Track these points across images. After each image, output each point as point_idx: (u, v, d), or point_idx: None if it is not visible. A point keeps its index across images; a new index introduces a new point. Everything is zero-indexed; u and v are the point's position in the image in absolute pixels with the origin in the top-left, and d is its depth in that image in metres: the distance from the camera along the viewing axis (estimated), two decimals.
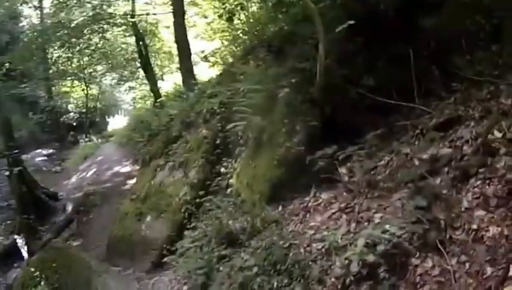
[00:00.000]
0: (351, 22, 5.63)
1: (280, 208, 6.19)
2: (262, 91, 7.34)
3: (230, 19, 14.74)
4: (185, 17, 15.69)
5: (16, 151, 13.28)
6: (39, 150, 24.89)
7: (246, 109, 7.40)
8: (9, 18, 23.17)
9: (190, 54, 15.44)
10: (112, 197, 12.45)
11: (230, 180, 7.68)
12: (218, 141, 8.61)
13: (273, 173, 6.47)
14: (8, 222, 13.61)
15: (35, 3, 23.78)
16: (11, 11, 24.78)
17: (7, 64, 16.41)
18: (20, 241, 11.97)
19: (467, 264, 3.76)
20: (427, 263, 3.99)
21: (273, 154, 6.52)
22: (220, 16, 15.80)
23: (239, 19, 14.93)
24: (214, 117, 9.07)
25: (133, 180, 12.28)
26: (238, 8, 14.00)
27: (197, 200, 8.00)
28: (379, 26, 6.21)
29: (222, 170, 8.11)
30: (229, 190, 7.53)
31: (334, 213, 5.39)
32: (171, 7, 15.73)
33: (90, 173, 16.73)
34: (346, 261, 4.36)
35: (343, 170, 5.80)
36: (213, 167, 8.34)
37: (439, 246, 4.00)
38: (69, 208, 13.34)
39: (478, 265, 3.69)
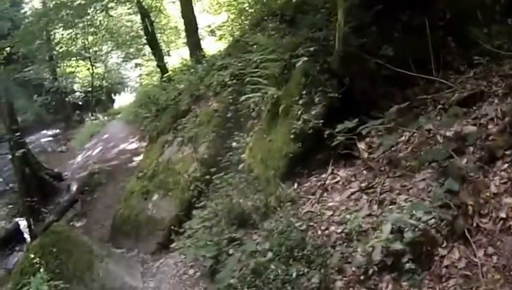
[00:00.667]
0: None
1: (296, 185, 5.73)
2: (276, 61, 6.89)
3: None
4: None
5: (19, 134, 12.93)
6: (45, 131, 24.90)
7: (259, 80, 6.92)
8: (10, 5, 22.56)
9: (197, 27, 14.85)
10: (118, 176, 12.03)
11: (242, 156, 7.16)
12: (229, 114, 8.07)
13: (289, 147, 5.99)
14: (11, 205, 13.45)
15: None
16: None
17: (8, 48, 15.63)
18: (22, 224, 11.64)
19: (494, 258, 3.49)
20: (453, 253, 3.70)
21: (289, 128, 6.01)
22: None
23: None
24: (224, 90, 8.57)
25: (140, 158, 11.89)
26: None
27: (207, 177, 7.50)
28: None
29: (234, 144, 7.56)
30: (240, 166, 7.00)
31: (353, 193, 5.00)
32: None
33: (96, 151, 16.31)
34: (370, 249, 3.97)
35: (362, 146, 5.41)
36: (224, 141, 7.82)
37: (467, 235, 3.71)
38: (74, 188, 12.96)
39: (505, 259, 3.43)
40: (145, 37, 20.36)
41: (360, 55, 5.89)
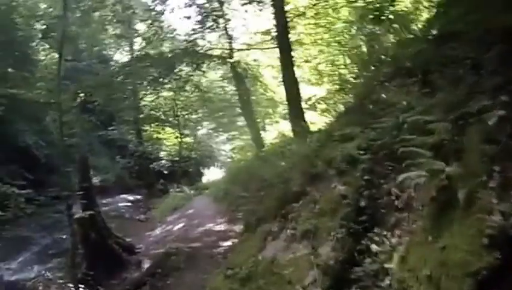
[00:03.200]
0: None
1: None
2: (431, 123, 4.72)
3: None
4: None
5: (88, 192, 11.64)
6: (125, 196, 24.03)
7: (417, 151, 4.65)
8: (98, 61, 22.87)
9: (299, 94, 13.39)
10: (200, 262, 10.00)
11: (388, 265, 4.74)
12: (362, 203, 5.77)
13: (481, 259, 3.52)
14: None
15: (127, 48, 23.29)
16: (99, 55, 24.60)
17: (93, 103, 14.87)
18: None
19: None
20: None
21: (478, 227, 3.59)
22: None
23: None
24: (353, 167, 6.32)
25: (227, 243, 10.64)
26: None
27: None
28: None
29: (373, 247, 5.18)
30: (386, 281, 4.58)
31: None
32: (276, 44, 14.18)
33: (178, 227, 14.75)
34: None
35: None
36: (357, 241, 5.47)
37: None
38: (145, 265, 11.01)
39: None
40: (239, 106, 19.28)
41: None
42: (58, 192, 15.88)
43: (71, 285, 10.37)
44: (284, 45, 13.25)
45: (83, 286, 10.39)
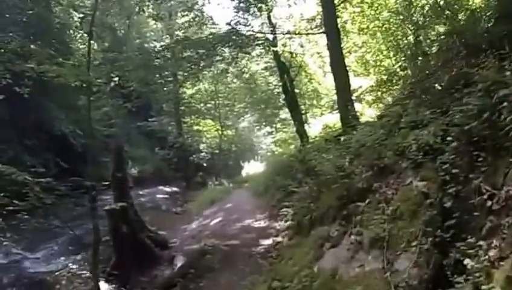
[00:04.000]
0: None
1: None
2: None
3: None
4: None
5: (122, 183, 10.79)
6: (162, 187, 23.53)
7: None
8: (139, 53, 22.17)
9: (349, 82, 12.10)
10: (237, 262, 8.93)
11: (486, 287, 3.49)
12: (448, 203, 4.49)
13: None
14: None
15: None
16: (140, 48, 23.96)
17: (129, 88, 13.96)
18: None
19: None
20: None
21: None
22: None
23: None
24: (431, 158, 5.09)
25: (268, 241, 9.70)
26: None
27: None
28: None
29: (467, 262, 3.87)
30: None
31: None
32: (323, 28, 13.02)
33: (215, 221, 13.70)
34: None
35: None
36: (444, 254, 4.18)
37: None
38: (178, 262, 10.00)
39: None
40: (282, 97, 18.13)
41: None
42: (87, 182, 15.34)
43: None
44: (332, 30, 12.08)
45: (109, 281, 9.55)
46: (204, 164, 28.18)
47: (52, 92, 16.23)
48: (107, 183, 10.93)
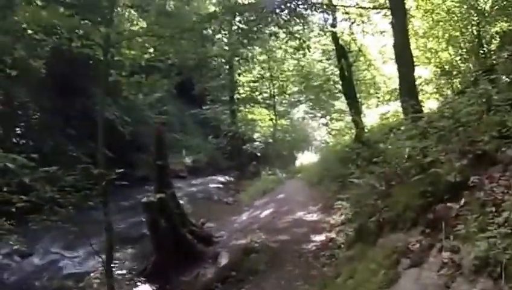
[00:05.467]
0: None
1: None
2: None
3: None
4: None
5: (162, 172, 10.06)
6: (215, 177, 23.20)
7: None
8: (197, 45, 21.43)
9: (413, 66, 10.69)
10: (285, 262, 7.95)
11: None
12: None
13: None
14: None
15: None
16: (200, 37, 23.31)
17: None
18: None
19: None
20: None
21: None
22: None
23: None
24: None
25: (320, 237, 8.73)
26: None
27: None
28: None
29: None
30: None
31: None
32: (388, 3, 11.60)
33: (265, 213, 12.88)
34: None
35: None
36: None
37: None
38: (222, 260, 9.05)
39: None
40: (340, 83, 17.12)
41: None
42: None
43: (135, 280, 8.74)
44: (398, 8, 10.74)
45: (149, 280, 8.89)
46: (258, 154, 27.42)
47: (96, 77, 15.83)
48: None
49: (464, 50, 12.82)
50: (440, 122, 5.20)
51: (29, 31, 6.92)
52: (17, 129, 14.02)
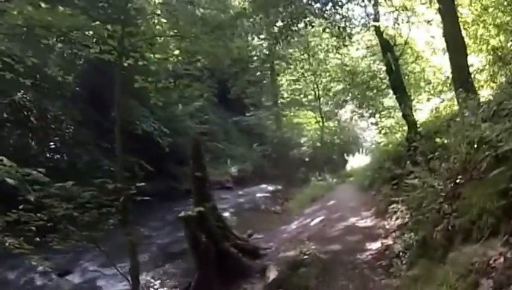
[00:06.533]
0: None
1: None
2: None
3: None
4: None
5: (201, 184, 9.45)
6: (264, 186, 22.64)
7: None
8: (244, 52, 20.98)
9: (466, 55, 10.21)
10: (338, 275, 7.16)
11: None
12: None
13: None
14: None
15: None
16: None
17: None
18: None
19: None
20: None
21: None
22: None
23: None
24: None
25: (376, 244, 8.07)
26: None
27: None
28: None
29: None
30: None
31: None
32: None
33: (316, 221, 12.20)
34: None
35: None
36: None
37: None
38: (271, 275, 8.33)
39: None
40: (387, 78, 16.18)
41: None
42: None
43: None
44: None
45: None
46: (306, 159, 26.99)
47: (134, 88, 15.63)
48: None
49: None
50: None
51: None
52: (51, 144, 13.87)
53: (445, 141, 4.97)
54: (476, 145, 3.98)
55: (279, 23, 10.95)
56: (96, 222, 5.71)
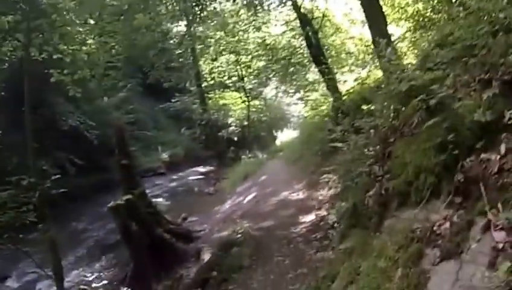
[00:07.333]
0: None
1: None
2: None
3: None
4: None
5: (128, 172, 9.27)
6: (196, 168, 23.02)
7: None
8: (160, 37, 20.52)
9: (385, 23, 10.09)
10: (273, 252, 6.97)
11: None
12: None
13: None
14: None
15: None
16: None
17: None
18: None
19: None
20: None
21: None
22: None
23: None
24: None
25: (309, 217, 7.89)
26: None
27: None
28: None
29: None
30: None
31: None
32: None
33: (248, 198, 12.13)
34: None
35: None
36: None
37: None
38: (205, 257, 8.15)
39: None
40: (308, 53, 16.31)
41: None
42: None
43: None
44: None
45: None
46: (235, 138, 27.00)
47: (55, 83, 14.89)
48: None
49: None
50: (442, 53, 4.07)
51: None
52: None
53: (372, 108, 4.69)
54: (404, 100, 3.71)
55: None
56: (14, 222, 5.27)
